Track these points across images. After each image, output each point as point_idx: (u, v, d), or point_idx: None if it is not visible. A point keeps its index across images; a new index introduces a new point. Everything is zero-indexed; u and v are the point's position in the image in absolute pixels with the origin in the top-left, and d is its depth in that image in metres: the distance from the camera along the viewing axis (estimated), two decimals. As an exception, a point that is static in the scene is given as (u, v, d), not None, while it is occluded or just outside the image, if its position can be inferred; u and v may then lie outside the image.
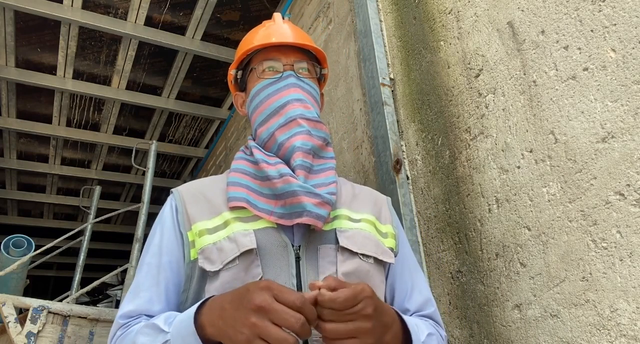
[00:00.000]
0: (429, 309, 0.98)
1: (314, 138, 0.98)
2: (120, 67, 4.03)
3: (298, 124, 0.98)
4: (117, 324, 0.86)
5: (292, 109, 0.99)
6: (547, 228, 1.12)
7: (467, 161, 1.42)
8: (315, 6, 2.76)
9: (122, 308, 0.88)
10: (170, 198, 1.00)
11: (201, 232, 0.90)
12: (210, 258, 0.86)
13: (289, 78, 1.02)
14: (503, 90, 1.30)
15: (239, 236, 0.87)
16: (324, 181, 0.95)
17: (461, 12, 1.51)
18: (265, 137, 1.00)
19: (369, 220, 0.98)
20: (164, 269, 0.90)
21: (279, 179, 0.91)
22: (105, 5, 3.45)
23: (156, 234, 0.95)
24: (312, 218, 0.87)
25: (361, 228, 0.95)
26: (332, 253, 0.89)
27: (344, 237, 0.91)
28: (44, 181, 5.99)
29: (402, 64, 1.81)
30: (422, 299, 0.98)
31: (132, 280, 0.95)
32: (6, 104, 4.36)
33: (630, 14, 0.97)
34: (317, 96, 1.07)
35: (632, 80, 0.96)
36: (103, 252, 8.09)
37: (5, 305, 2.42)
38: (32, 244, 3.80)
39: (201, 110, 4.61)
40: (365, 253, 0.91)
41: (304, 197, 0.88)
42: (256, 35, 1.09)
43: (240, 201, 0.92)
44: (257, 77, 1.05)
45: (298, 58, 1.06)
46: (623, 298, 0.93)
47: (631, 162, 0.94)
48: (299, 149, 0.95)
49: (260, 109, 1.03)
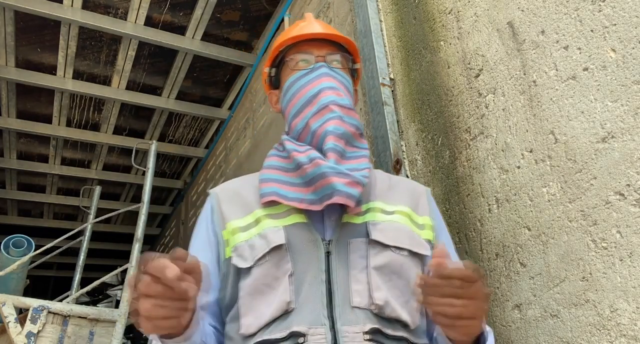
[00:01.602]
0: None
1: (347, 124, 0.98)
2: (120, 67, 4.02)
3: (330, 110, 0.98)
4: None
5: (325, 96, 0.99)
6: (547, 228, 1.12)
7: (467, 161, 1.42)
8: (315, 6, 2.75)
9: None
10: (208, 200, 1.03)
11: (234, 230, 0.92)
12: (242, 255, 0.88)
13: (321, 68, 1.03)
14: (503, 90, 1.30)
15: (269, 233, 0.88)
16: (357, 166, 0.94)
17: (461, 12, 1.51)
18: (300, 127, 1.01)
19: (404, 212, 0.96)
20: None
21: (309, 164, 0.91)
22: (105, 5, 3.45)
23: (196, 234, 1.00)
24: (342, 197, 0.86)
25: (394, 220, 0.93)
26: (363, 247, 0.88)
27: (375, 230, 0.90)
28: (44, 181, 5.98)
29: (402, 64, 1.81)
30: None
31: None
32: (6, 104, 4.36)
33: (630, 14, 0.97)
34: (349, 87, 1.07)
35: (632, 80, 0.96)
36: (103, 252, 8.08)
37: (5, 305, 2.42)
38: (32, 244, 3.80)
39: (201, 110, 4.61)
40: (397, 246, 0.89)
41: (334, 177, 0.88)
42: (289, 33, 1.10)
43: (271, 196, 0.93)
44: (290, 70, 1.06)
45: (330, 50, 1.07)
46: (623, 298, 0.93)
47: (631, 162, 0.94)
48: (330, 133, 0.95)
49: (294, 100, 1.04)
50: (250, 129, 3.82)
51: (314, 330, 0.79)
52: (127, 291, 0.63)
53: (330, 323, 0.80)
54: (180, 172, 6.08)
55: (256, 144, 3.61)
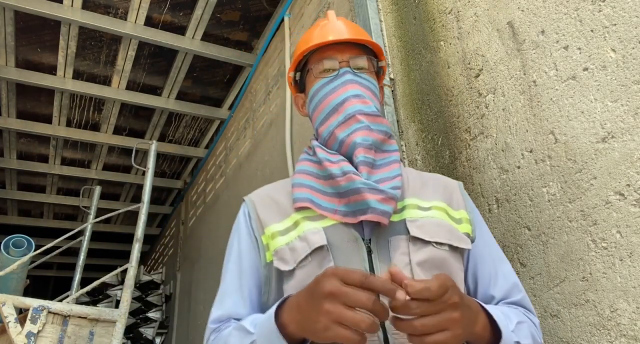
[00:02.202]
0: (517, 296, 0.93)
1: (374, 133, 0.98)
2: (120, 67, 4.02)
3: (357, 121, 0.98)
4: (209, 329, 0.92)
5: (351, 105, 1.00)
6: (547, 228, 1.12)
7: (467, 161, 1.42)
8: (315, 6, 2.75)
9: (212, 313, 0.94)
10: (243, 206, 1.04)
11: (274, 234, 0.93)
12: (284, 258, 0.89)
13: (345, 75, 1.03)
14: (503, 90, 1.30)
15: (309, 235, 0.89)
16: (388, 174, 0.95)
17: (461, 12, 1.51)
18: (326, 135, 1.02)
19: (440, 207, 0.96)
20: (245, 274, 0.95)
21: (342, 177, 0.92)
22: (105, 5, 3.45)
23: (234, 242, 1.00)
24: (377, 215, 0.87)
25: (432, 216, 0.93)
26: (404, 244, 0.88)
27: (414, 226, 0.90)
28: (44, 181, 5.98)
29: (402, 64, 1.81)
30: (508, 285, 0.93)
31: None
32: (6, 104, 4.36)
33: (630, 14, 0.97)
34: (375, 90, 1.07)
35: (632, 80, 0.96)
36: (103, 252, 8.08)
37: (5, 305, 2.42)
38: (32, 244, 3.79)
39: (201, 110, 4.61)
40: (438, 241, 0.89)
41: (368, 194, 0.88)
42: (311, 36, 1.10)
43: (304, 202, 0.94)
44: (315, 77, 1.06)
45: (354, 54, 1.06)
46: (623, 298, 0.93)
47: (631, 162, 0.94)
48: (359, 145, 0.96)
49: (319, 108, 1.04)
50: (250, 129, 3.82)
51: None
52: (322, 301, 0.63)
53: (382, 335, 0.80)
54: (180, 172, 6.08)
55: (256, 144, 3.61)
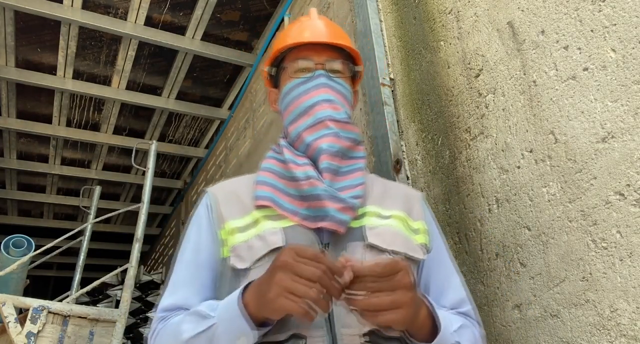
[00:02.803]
0: (465, 307, 0.95)
1: (342, 140, 0.98)
2: (120, 67, 4.02)
3: (326, 126, 0.98)
4: (157, 318, 0.89)
5: (321, 110, 1.00)
6: (547, 228, 1.12)
7: (467, 161, 1.42)
8: (315, 6, 2.75)
9: (162, 302, 0.91)
10: (205, 198, 1.03)
11: (232, 230, 0.92)
12: (241, 256, 0.88)
13: (319, 78, 1.03)
14: (503, 90, 1.30)
15: (268, 234, 0.89)
16: (351, 182, 0.96)
17: (461, 12, 1.51)
18: (294, 136, 1.02)
19: (399, 216, 0.97)
20: (202, 266, 0.93)
21: (305, 182, 0.92)
22: (105, 5, 3.45)
23: (192, 232, 0.98)
24: (334, 223, 0.88)
25: (390, 224, 0.94)
26: (360, 251, 0.89)
27: (372, 234, 0.91)
28: (44, 181, 5.98)
29: (402, 64, 1.81)
30: (457, 297, 0.96)
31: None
32: (6, 104, 4.36)
33: (630, 14, 0.97)
34: (348, 96, 1.07)
35: (632, 80, 0.96)
36: (103, 252, 8.08)
37: (5, 305, 2.42)
38: (32, 244, 3.79)
39: (201, 110, 4.61)
40: (394, 250, 0.90)
41: (328, 201, 0.89)
42: (290, 33, 1.09)
43: (266, 200, 0.94)
44: (289, 76, 1.06)
45: (330, 57, 1.06)
46: (623, 298, 0.93)
47: (631, 162, 0.94)
48: (325, 151, 0.96)
49: (290, 108, 1.04)
50: (250, 129, 3.82)
51: (313, 332, 0.80)
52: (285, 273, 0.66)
53: (328, 326, 0.81)
54: (180, 172, 6.08)
55: (256, 144, 3.61)
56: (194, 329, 0.79)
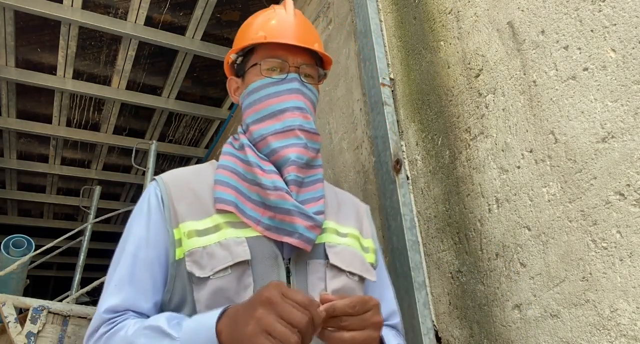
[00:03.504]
0: (394, 320, 1.02)
1: (309, 150, 0.96)
2: (120, 67, 4.02)
3: (296, 136, 0.95)
4: (101, 318, 0.80)
5: (292, 117, 0.96)
6: (547, 228, 1.12)
7: (467, 161, 1.42)
8: (315, 6, 2.75)
9: (106, 300, 0.82)
10: (154, 187, 0.93)
11: (190, 233, 0.86)
12: (199, 263, 0.82)
13: (293, 82, 0.99)
14: (503, 90, 1.30)
15: (232, 244, 0.84)
16: (313, 195, 0.95)
17: (461, 12, 1.51)
18: (257, 137, 0.97)
19: (354, 235, 0.99)
20: (151, 263, 0.85)
21: (274, 192, 0.88)
22: (105, 5, 3.45)
23: (142, 224, 0.89)
24: (302, 241, 0.87)
25: (348, 244, 0.96)
26: (321, 269, 0.89)
27: (332, 253, 0.91)
28: (44, 181, 5.98)
29: (402, 64, 1.81)
30: (389, 310, 1.02)
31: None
32: (6, 104, 4.36)
33: (630, 14, 0.97)
34: (316, 102, 1.06)
35: (632, 80, 0.96)
36: (103, 253, 8.08)
37: (5, 305, 2.42)
38: (32, 244, 3.80)
39: (201, 110, 4.61)
40: (352, 271, 0.92)
41: (298, 218, 0.87)
42: (264, 24, 1.03)
43: (229, 205, 0.89)
44: (259, 72, 1.00)
45: (305, 61, 1.02)
46: (623, 298, 0.93)
47: (631, 162, 0.94)
48: (294, 162, 0.93)
49: (257, 107, 0.99)
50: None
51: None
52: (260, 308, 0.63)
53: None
54: (180, 172, 6.08)
55: (256, 144, 3.60)
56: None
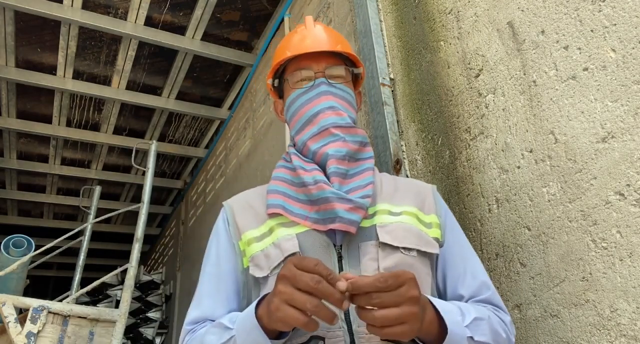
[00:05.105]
0: (485, 293, 0.94)
1: (349, 143, 1.00)
2: (120, 67, 4.02)
3: (331, 133, 1.00)
4: (185, 330, 0.93)
5: (324, 117, 1.02)
6: (547, 228, 1.12)
7: (467, 161, 1.42)
8: (315, 6, 2.75)
9: (189, 315, 0.95)
10: (222, 211, 1.06)
11: (250, 241, 0.95)
12: (259, 265, 0.91)
13: (320, 86, 1.05)
14: (503, 90, 1.30)
15: (283, 241, 0.91)
16: (360, 183, 0.97)
17: (461, 12, 1.51)
18: (300, 145, 1.04)
19: (411, 212, 0.98)
20: (224, 277, 0.97)
21: (314, 186, 0.94)
22: (105, 5, 3.45)
23: (213, 246, 1.02)
24: (344, 224, 0.89)
25: (402, 221, 0.94)
26: (373, 250, 0.90)
27: (384, 232, 0.91)
28: (44, 181, 5.98)
29: (402, 64, 1.81)
30: (476, 283, 0.95)
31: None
32: (6, 104, 4.36)
33: (630, 14, 0.97)
34: (351, 100, 1.09)
35: (632, 80, 0.96)
36: (103, 252, 8.08)
37: (5, 305, 2.42)
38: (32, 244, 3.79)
39: (201, 110, 4.61)
40: (406, 246, 0.90)
41: (337, 203, 0.90)
42: (289, 44, 1.11)
43: (277, 208, 0.96)
44: (290, 87, 1.08)
45: (330, 63, 1.07)
46: (623, 298, 0.93)
47: (631, 162, 0.94)
48: (332, 156, 0.98)
49: (295, 118, 1.07)
50: (250, 129, 3.82)
51: (332, 333, 0.81)
52: (278, 282, 0.70)
53: (347, 326, 0.82)
54: (180, 172, 6.08)
55: (256, 144, 3.61)
56: (217, 341, 0.81)
